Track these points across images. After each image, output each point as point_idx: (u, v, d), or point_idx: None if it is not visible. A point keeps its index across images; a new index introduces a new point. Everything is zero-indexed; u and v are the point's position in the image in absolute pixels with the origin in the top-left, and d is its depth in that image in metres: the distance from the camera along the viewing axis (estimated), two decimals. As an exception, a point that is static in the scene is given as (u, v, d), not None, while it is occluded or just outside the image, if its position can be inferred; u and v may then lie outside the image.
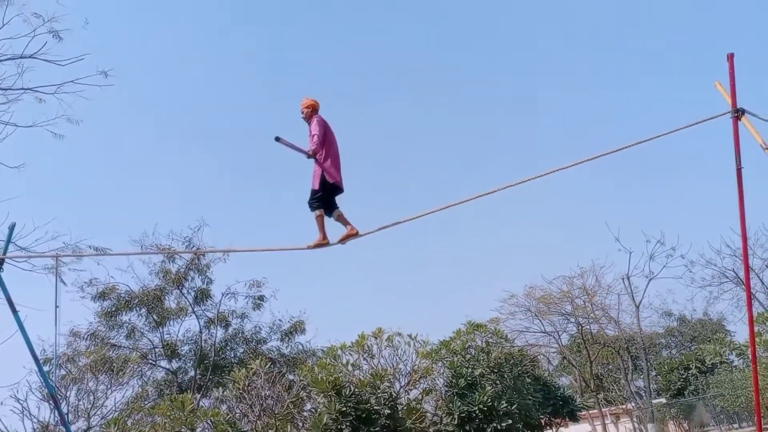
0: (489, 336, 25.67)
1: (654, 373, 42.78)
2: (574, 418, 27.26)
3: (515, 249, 75.26)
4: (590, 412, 33.63)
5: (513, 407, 20.42)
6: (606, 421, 34.48)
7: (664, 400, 38.57)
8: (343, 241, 7.14)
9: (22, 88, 11.57)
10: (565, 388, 29.76)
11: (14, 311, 7.51)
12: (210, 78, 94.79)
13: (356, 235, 7.06)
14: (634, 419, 36.21)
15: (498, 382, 22.48)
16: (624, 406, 37.51)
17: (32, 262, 11.00)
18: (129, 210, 71.20)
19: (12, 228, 8.27)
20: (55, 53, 11.49)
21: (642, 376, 38.51)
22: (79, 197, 74.47)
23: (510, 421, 20.18)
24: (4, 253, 7.81)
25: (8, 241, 8.24)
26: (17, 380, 23.55)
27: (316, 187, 6.94)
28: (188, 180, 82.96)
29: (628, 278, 34.11)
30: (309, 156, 6.85)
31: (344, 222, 7.14)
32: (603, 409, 35.64)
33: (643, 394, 36.50)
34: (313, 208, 7.07)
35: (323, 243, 7.08)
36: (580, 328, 36.82)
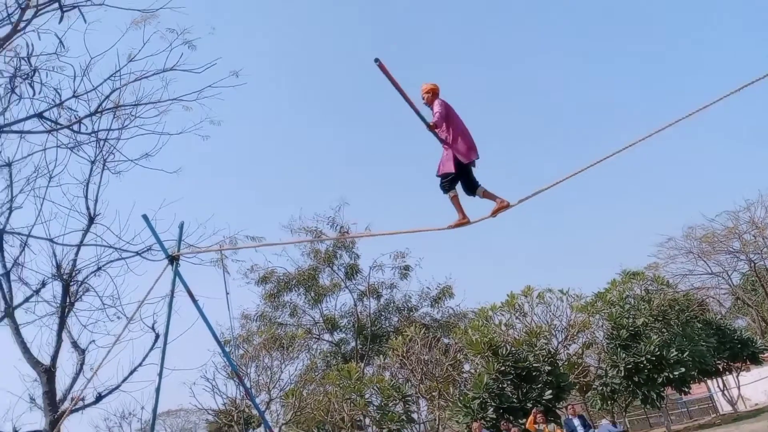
0: (648, 283, 24.30)
1: None
2: (757, 360, 25.12)
3: (667, 191, 69.96)
4: (774, 353, 30.77)
5: (684, 355, 19.25)
6: (795, 362, 31.32)
7: None
8: (494, 214, 6.97)
9: (169, 99, 12.67)
10: (742, 330, 27.44)
11: (194, 301, 8.29)
12: (341, 55, 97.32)
13: (507, 206, 6.87)
14: (829, 357, 32.54)
15: (664, 330, 21.30)
16: (815, 344, 33.78)
17: (200, 256, 12.11)
18: (274, 198, 75.87)
19: (181, 227, 9.11)
20: (191, 62, 12.43)
21: (834, 310, 34.38)
22: (229, 192, 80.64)
23: (683, 369, 19.08)
24: (179, 250, 8.64)
25: (179, 239, 9.09)
26: (204, 362, 26.38)
27: (447, 170, 6.83)
28: (325, 160, 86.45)
29: (804, 204, 30.35)
30: (429, 128, 6.77)
31: (491, 197, 6.96)
32: (790, 350, 32.39)
33: (839, 330, 32.61)
34: (445, 190, 6.89)
35: (463, 222, 6.95)
36: (752, 265, 33.49)
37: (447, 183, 6.89)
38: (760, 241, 32.63)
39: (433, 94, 6.99)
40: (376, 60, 6.01)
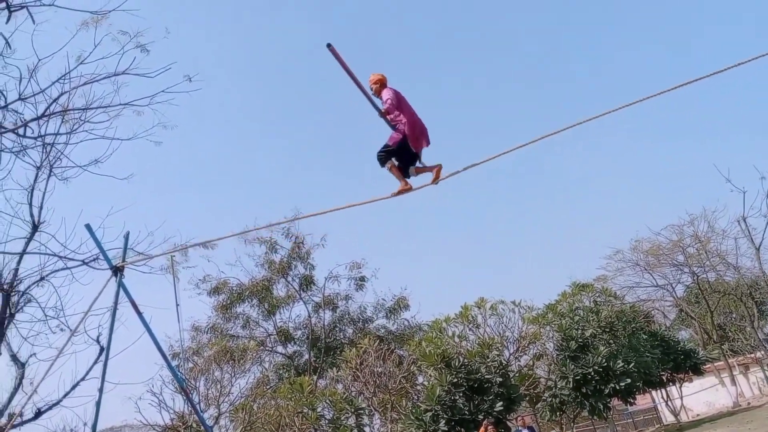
0: (597, 295, 24.95)
1: (784, 318, 39.76)
2: (699, 371, 26.01)
3: (614, 204, 72.17)
4: (715, 364, 31.90)
5: (630, 366, 19.80)
6: (734, 372, 32.54)
7: (798, 346, 35.84)
8: (435, 181, 6.96)
9: (121, 104, 12.35)
10: (685, 342, 28.42)
11: (139, 313, 8.10)
12: (281, 58, 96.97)
13: (441, 167, 6.92)
14: (765, 367, 33.93)
15: (611, 341, 21.87)
16: (752, 355, 35.19)
17: (150, 264, 11.80)
18: (228, 209, 74.77)
19: (127, 236, 8.90)
20: (144, 66, 12.16)
21: (770, 322, 36.00)
22: (182, 201, 79.11)
23: (629, 380, 19.60)
24: (123, 261, 8.43)
25: (125, 248, 8.87)
26: (151, 376, 25.64)
27: (392, 145, 6.81)
28: (280, 167, 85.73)
29: (745, 220, 31.70)
30: (381, 114, 6.81)
31: (425, 168, 6.99)
32: (729, 360, 33.62)
33: (774, 341, 34.10)
34: (382, 162, 6.81)
35: (406, 189, 6.87)
36: (695, 278, 34.80)
37: (384, 154, 6.82)
38: (702, 254, 33.94)
39: (381, 84, 7.05)
40: (329, 45, 6.01)
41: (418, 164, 7.04)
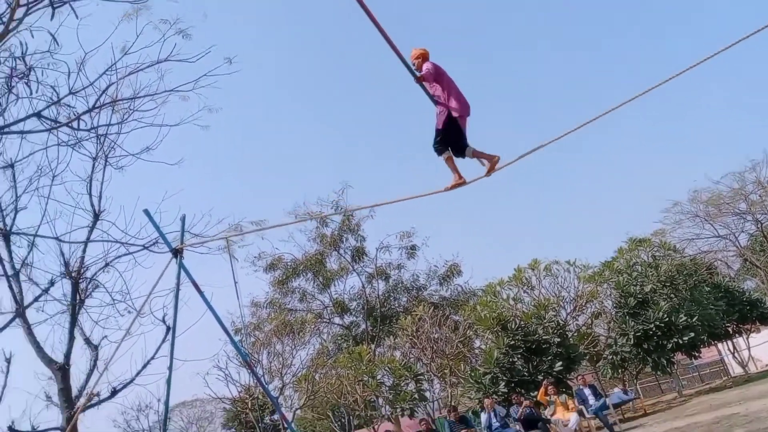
0: (655, 249, 24.29)
1: None
2: (766, 321, 25.18)
3: (671, 154, 69.56)
4: (785, 313, 30.78)
5: (694, 319, 19.31)
6: (806, 321, 31.30)
7: None
8: (489, 173, 6.90)
9: (166, 91, 12.64)
10: (751, 292, 27.46)
11: (200, 292, 8.36)
12: (338, 40, 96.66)
13: (498, 160, 6.82)
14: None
15: (672, 295, 21.35)
16: (825, 302, 33.75)
17: (207, 245, 12.17)
18: (279, 185, 75.91)
19: (183, 219, 9.18)
20: (186, 52, 12.37)
21: (843, 267, 34.26)
22: (232, 182, 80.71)
23: (692, 334, 19.14)
24: (182, 243, 8.70)
25: (182, 231, 9.15)
26: (216, 352, 26.66)
27: (440, 126, 6.80)
28: (325, 143, 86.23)
29: (810, 162, 30.16)
30: (417, 80, 6.73)
31: (482, 156, 6.91)
32: (800, 308, 32.36)
33: None
34: (439, 152, 6.84)
35: (459, 183, 6.88)
36: (759, 225, 33.41)
37: (439, 144, 6.84)
38: (767, 201, 32.51)
39: (423, 58, 6.98)
40: None
41: (475, 148, 6.92)
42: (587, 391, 15.62)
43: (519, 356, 17.91)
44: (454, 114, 6.71)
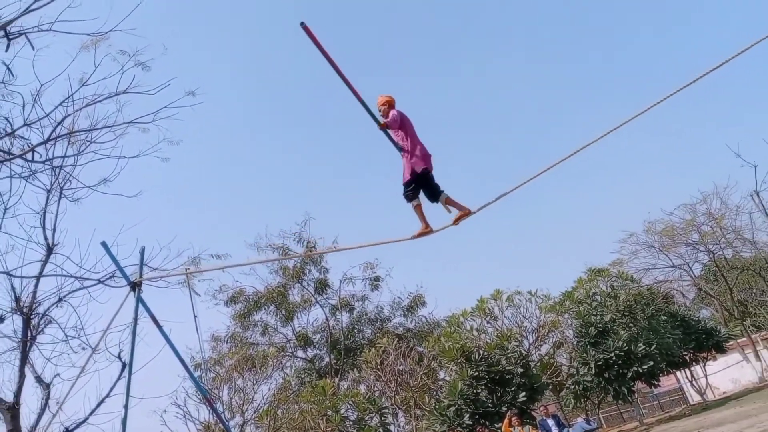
0: (613, 279, 24.80)
1: (805, 289, 39.32)
2: (722, 349, 25.79)
3: (624, 188, 71.63)
4: (738, 340, 31.59)
5: (652, 348, 19.68)
6: (758, 347, 32.17)
7: (822, 316, 35.49)
8: (457, 222, 7.08)
9: (125, 123, 12.45)
10: (706, 320, 28.14)
11: (159, 327, 8.18)
12: (298, 69, 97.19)
13: (469, 214, 7.00)
14: (790, 342, 33.61)
15: (631, 324, 21.75)
16: (776, 330, 34.84)
17: (166, 279, 11.90)
18: (239, 215, 75.06)
19: (142, 252, 9.01)
20: (146, 84, 12.25)
21: (792, 295, 35.56)
22: (192, 214, 79.51)
23: (651, 363, 19.49)
24: (141, 276, 8.52)
25: (141, 264, 8.96)
26: (174, 388, 25.84)
27: (406, 179, 6.95)
28: (288, 175, 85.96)
29: (758, 194, 31.42)
30: (380, 126, 6.86)
31: (453, 204, 7.07)
32: (753, 336, 33.26)
33: (797, 314, 33.76)
34: (408, 199, 7.03)
35: (426, 231, 7.08)
36: (712, 255, 34.50)
37: (410, 192, 7.00)
38: (717, 231, 33.65)
39: (389, 105, 7.12)
40: (302, 24, 5.93)
41: (449, 195, 7.07)
42: (551, 422, 15.65)
43: (483, 387, 17.90)
44: (416, 169, 6.86)
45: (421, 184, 7.00)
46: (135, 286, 7.98)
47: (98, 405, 11.54)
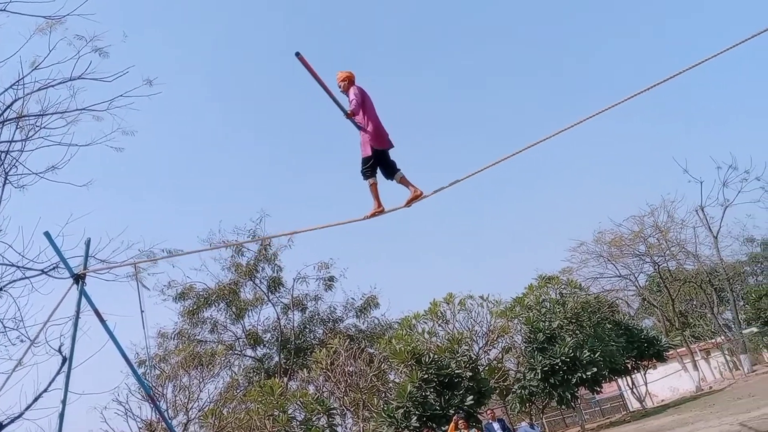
0: (562, 287, 25.38)
1: (741, 303, 41.12)
2: (662, 358, 26.70)
3: (576, 198, 73.50)
4: (678, 350, 32.80)
5: (596, 355, 20.21)
6: (696, 358, 33.47)
7: (755, 329, 37.15)
8: (409, 203, 7.06)
9: (77, 109, 12.00)
10: (648, 330, 29.10)
11: (102, 321, 7.91)
12: (248, 62, 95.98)
13: (421, 196, 6.99)
14: (726, 352, 35.08)
15: (578, 332, 22.30)
16: (713, 341, 36.32)
17: (114, 272, 11.50)
18: (192, 212, 73.66)
19: (88, 243, 8.68)
20: (103, 71, 11.84)
21: (729, 308, 37.09)
22: (145, 206, 77.59)
23: (595, 369, 20.01)
24: (85, 268, 8.23)
25: (86, 255, 8.65)
26: (116, 385, 25.08)
27: (366, 154, 6.94)
28: (245, 170, 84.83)
29: (702, 209, 32.76)
30: (347, 116, 6.85)
31: (407, 184, 7.06)
32: (691, 346, 34.58)
33: (732, 326, 35.20)
34: (365, 176, 7.00)
35: (378, 211, 7.05)
36: (657, 267, 35.72)
37: (367, 169, 6.97)
38: (663, 244, 34.86)
39: (349, 81, 7.09)
40: (297, 54, 5.99)
41: (404, 175, 7.08)
42: (496, 425, 15.84)
43: (432, 390, 18.03)
44: (375, 146, 6.87)
45: (379, 161, 7.00)
46: (79, 278, 7.70)
47: (35, 400, 11.07)
